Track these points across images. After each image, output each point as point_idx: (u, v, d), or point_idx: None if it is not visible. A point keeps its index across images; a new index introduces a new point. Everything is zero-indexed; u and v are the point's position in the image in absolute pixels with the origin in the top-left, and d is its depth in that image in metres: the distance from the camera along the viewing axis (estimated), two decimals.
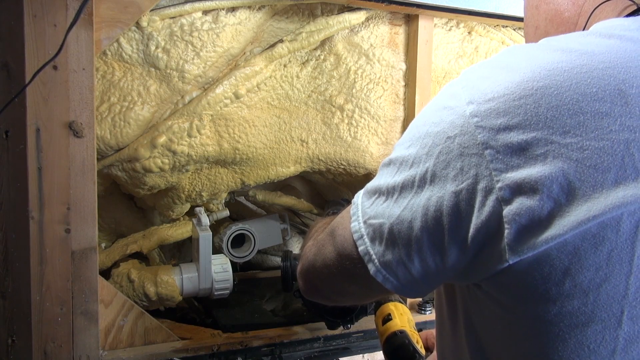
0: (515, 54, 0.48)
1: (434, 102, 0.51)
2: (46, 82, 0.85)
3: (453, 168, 0.46)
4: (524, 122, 0.43)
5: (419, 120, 0.52)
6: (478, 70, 0.49)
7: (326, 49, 1.18)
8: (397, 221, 0.50)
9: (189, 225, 1.25)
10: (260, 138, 1.16)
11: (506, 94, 0.44)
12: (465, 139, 0.45)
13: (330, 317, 1.04)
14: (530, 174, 0.42)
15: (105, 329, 1.00)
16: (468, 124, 0.45)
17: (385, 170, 0.54)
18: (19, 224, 0.88)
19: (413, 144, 0.50)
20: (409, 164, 0.50)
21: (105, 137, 1.02)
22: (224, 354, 1.06)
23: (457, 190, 0.46)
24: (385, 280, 0.52)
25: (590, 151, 0.42)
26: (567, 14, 0.61)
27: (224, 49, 1.07)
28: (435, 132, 0.48)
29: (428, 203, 0.48)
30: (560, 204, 0.42)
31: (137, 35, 1.01)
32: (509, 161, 0.43)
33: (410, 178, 0.50)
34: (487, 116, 0.45)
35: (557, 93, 0.43)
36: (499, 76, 0.46)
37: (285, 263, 1.05)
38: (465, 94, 0.47)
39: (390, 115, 1.24)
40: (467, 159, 0.45)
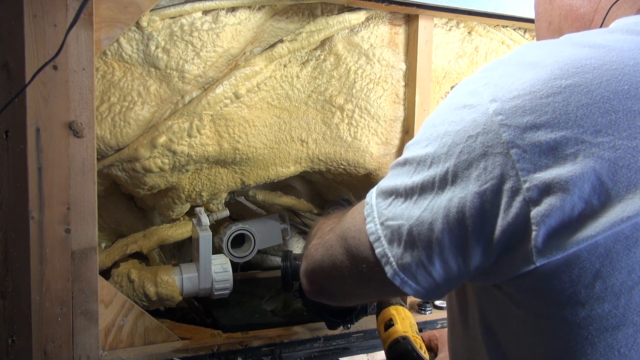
0: (538, 50, 0.47)
1: (452, 101, 0.50)
2: (46, 82, 0.85)
3: (476, 168, 0.45)
4: (553, 121, 0.42)
5: (436, 119, 0.50)
6: (499, 68, 0.47)
7: (326, 49, 1.18)
8: (417, 223, 0.49)
9: (189, 225, 1.25)
10: (260, 138, 1.16)
11: (532, 91, 0.43)
12: (488, 138, 0.44)
13: (330, 317, 1.04)
14: (560, 174, 0.41)
15: (105, 329, 0.99)
16: (492, 122, 0.44)
17: (401, 170, 0.53)
18: (19, 224, 0.88)
19: (430, 143, 0.49)
20: (427, 164, 0.49)
21: (105, 137, 1.02)
22: (224, 354, 1.06)
23: (480, 191, 0.44)
24: (403, 284, 0.51)
25: (623, 150, 0.41)
26: (582, 10, 0.60)
27: (224, 49, 1.07)
28: (455, 131, 0.47)
29: (449, 204, 0.46)
30: (592, 205, 0.41)
31: (137, 35, 1.01)
32: (537, 161, 0.42)
33: (430, 178, 0.48)
34: (512, 114, 0.43)
35: (587, 91, 0.42)
36: (523, 73, 0.45)
37: (285, 263, 1.05)
38: (487, 92, 0.46)
39: (390, 115, 1.24)
40: (491, 158, 0.44)
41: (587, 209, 0.41)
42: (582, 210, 0.41)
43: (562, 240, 0.42)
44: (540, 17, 0.66)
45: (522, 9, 1.20)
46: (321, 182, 1.47)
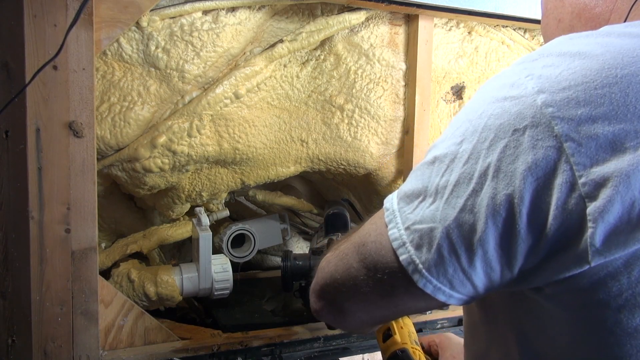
0: (582, 41, 0.45)
1: (488, 94, 0.46)
2: (46, 82, 0.85)
3: (523, 162, 0.42)
4: (611, 113, 0.40)
5: (471, 114, 0.47)
6: (540, 60, 0.45)
7: (326, 49, 1.18)
8: (455, 224, 0.45)
9: (189, 225, 1.25)
10: (260, 138, 1.16)
11: (585, 82, 0.41)
12: (538, 131, 0.41)
13: None
14: (620, 167, 0.39)
15: (105, 329, 0.99)
16: (541, 114, 0.41)
17: (428, 170, 0.49)
18: (19, 224, 0.88)
19: (467, 139, 0.46)
20: (464, 160, 0.45)
21: (105, 137, 1.02)
22: (224, 354, 1.06)
23: (530, 187, 0.42)
24: (436, 291, 0.47)
25: None
26: (597, 10, 0.57)
27: (224, 49, 1.07)
28: (497, 125, 0.44)
29: (494, 202, 0.43)
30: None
31: (137, 35, 1.01)
32: (594, 155, 0.40)
33: (467, 175, 0.45)
34: (564, 106, 0.41)
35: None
36: (570, 63, 0.42)
37: (286, 263, 1.05)
38: (531, 83, 0.43)
39: (390, 115, 1.24)
40: (542, 152, 0.41)
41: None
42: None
43: (621, 238, 0.39)
44: (549, 14, 0.63)
45: (522, 9, 1.20)
46: (321, 182, 1.47)
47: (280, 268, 1.06)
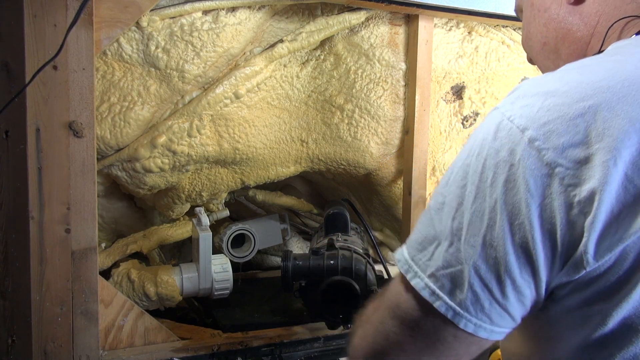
0: (549, 81, 0.51)
1: (477, 138, 0.52)
2: (46, 82, 0.85)
3: (525, 192, 0.47)
4: (586, 138, 0.46)
5: (468, 159, 0.52)
6: (516, 102, 0.51)
7: (326, 49, 1.18)
8: (480, 260, 0.49)
9: (189, 225, 1.25)
10: (260, 138, 1.16)
11: (560, 115, 0.47)
12: (530, 162, 0.47)
13: (331, 317, 1.04)
14: (600, 182, 0.45)
15: (105, 329, 0.99)
16: (530, 147, 0.47)
17: (438, 216, 0.53)
18: (19, 224, 0.88)
19: (470, 181, 0.51)
20: (471, 201, 0.50)
21: (105, 137, 1.02)
22: (224, 354, 1.06)
23: (537, 214, 0.47)
24: (478, 329, 0.50)
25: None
26: (579, 34, 0.63)
27: (224, 49, 1.07)
28: (494, 164, 0.49)
29: (509, 235, 0.48)
30: (627, 204, 0.45)
31: (137, 35, 1.01)
32: (580, 175, 0.46)
33: (478, 214, 0.50)
34: (548, 138, 0.47)
35: (609, 107, 0.46)
36: (544, 102, 0.49)
37: (286, 263, 1.05)
38: (515, 123, 0.49)
39: (390, 115, 1.24)
40: (538, 180, 0.47)
41: (625, 209, 0.45)
42: (620, 210, 0.45)
43: (607, 243, 0.46)
44: (533, 37, 0.69)
45: None
46: (321, 182, 1.47)
47: (280, 268, 1.06)
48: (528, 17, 0.70)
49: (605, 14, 0.61)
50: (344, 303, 1.02)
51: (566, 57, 0.65)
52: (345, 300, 1.02)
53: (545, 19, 0.67)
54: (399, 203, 1.33)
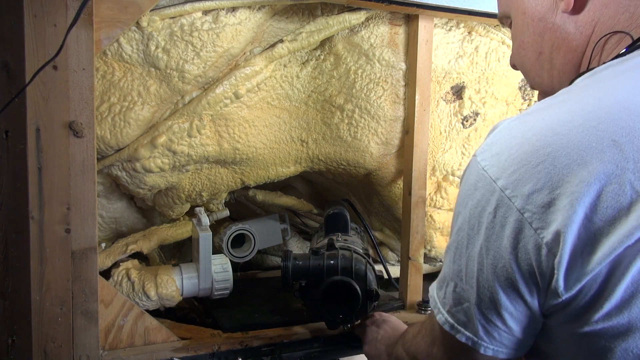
0: (517, 127, 0.56)
1: (465, 189, 0.59)
2: (46, 82, 0.85)
3: (503, 237, 0.54)
4: (548, 183, 0.51)
5: (460, 207, 0.60)
6: (490, 150, 0.57)
7: (326, 49, 1.18)
8: (480, 300, 0.57)
9: (189, 225, 1.25)
10: (260, 138, 1.16)
11: (524, 164, 0.53)
12: (504, 210, 0.53)
13: (331, 317, 1.04)
14: (562, 223, 0.50)
15: (105, 329, 0.99)
16: (503, 196, 0.53)
17: (447, 257, 0.62)
18: (19, 224, 0.88)
19: (462, 228, 0.58)
20: (464, 246, 0.58)
21: (105, 137, 1.02)
22: (224, 354, 1.06)
23: (515, 256, 0.53)
24: (497, 352, 0.59)
25: (604, 193, 0.49)
26: (574, 43, 0.64)
27: (224, 49, 1.07)
28: (478, 213, 0.56)
29: (495, 278, 0.55)
30: (587, 241, 0.50)
31: (137, 35, 1.01)
32: (545, 218, 0.51)
33: (471, 258, 0.57)
34: (516, 186, 0.53)
35: (566, 153, 0.51)
36: (511, 150, 0.54)
37: (286, 263, 1.05)
38: (489, 173, 0.55)
39: (390, 115, 1.24)
40: (512, 225, 0.53)
41: (587, 246, 0.50)
42: (583, 247, 0.50)
43: (575, 276, 0.51)
44: (527, 47, 0.70)
45: None
46: (321, 182, 1.47)
47: (280, 268, 1.06)
48: (520, 26, 0.70)
49: (601, 23, 0.62)
50: (344, 303, 1.02)
51: (561, 66, 0.66)
52: (345, 300, 1.02)
53: (541, 28, 0.67)
54: (399, 203, 1.33)
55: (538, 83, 0.72)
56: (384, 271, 1.33)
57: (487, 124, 1.36)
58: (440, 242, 1.41)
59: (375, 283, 1.04)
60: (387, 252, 1.48)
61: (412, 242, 1.27)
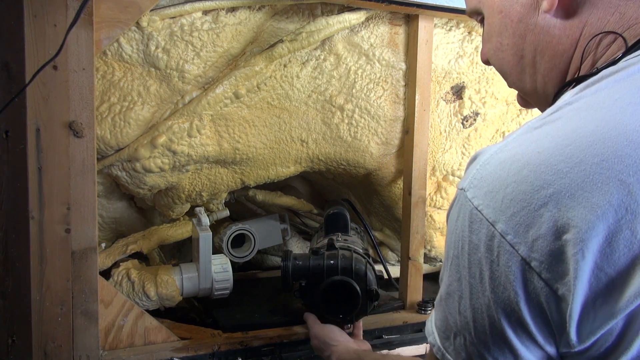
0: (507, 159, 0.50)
1: (459, 229, 0.52)
2: (46, 82, 0.85)
3: (511, 290, 0.48)
4: (553, 229, 0.46)
5: (455, 250, 0.53)
6: (479, 186, 0.50)
7: (326, 49, 1.18)
8: (497, 353, 0.51)
9: (189, 225, 1.25)
10: (260, 138, 1.16)
11: (525, 206, 0.47)
12: (507, 259, 0.48)
13: (331, 317, 1.04)
14: (574, 274, 0.45)
15: (105, 329, 0.99)
16: (504, 243, 0.48)
17: (447, 306, 0.55)
18: (19, 224, 0.88)
19: (463, 276, 0.52)
20: (468, 297, 0.52)
21: (106, 137, 1.02)
22: (224, 354, 1.06)
23: (527, 311, 0.48)
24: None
25: (615, 241, 0.45)
26: (560, 47, 0.59)
27: (224, 49, 1.07)
28: (478, 259, 0.50)
29: (511, 330, 0.50)
30: (602, 292, 0.45)
31: (137, 35, 1.01)
32: (555, 267, 0.46)
33: (478, 311, 0.51)
34: (517, 231, 0.47)
35: (570, 195, 0.46)
36: (507, 188, 0.48)
37: (286, 263, 1.05)
38: (484, 215, 0.49)
39: (390, 115, 1.24)
40: (519, 276, 0.48)
41: (599, 297, 0.46)
42: (595, 299, 0.46)
43: (588, 329, 0.46)
44: (506, 50, 0.63)
45: None
46: (321, 182, 1.47)
47: (280, 268, 1.06)
48: (497, 26, 0.64)
49: (590, 25, 0.57)
50: (344, 303, 1.02)
51: (546, 71, 0.61)
52: (345, 300, 1.02)
53: (522, 30, 0.61)
54: (399, 203, 1.33)
55: (519, 87, 0.66)
56: (384, 271, 1.33)
57: (487, 124, 1.37)
58: (440, 242, 1.41)
59: (375, 283, 1.04)
60: (387, 252, 1.48)
61: (412, 242, 1.27)
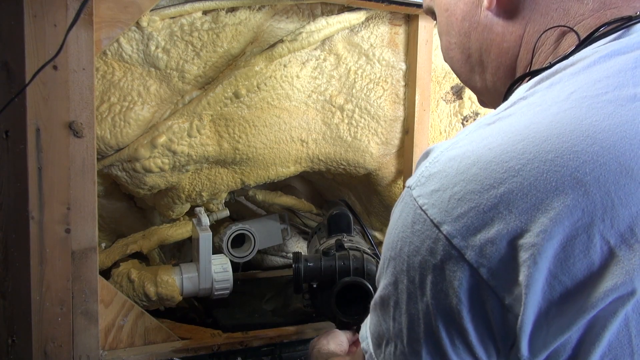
0: (457, 155, 0.46)
1: (399, 230, 0.48)
2: (46, 82, 0.85)
3: (453, 296, 0.44)
4: (504, 231, 0.42)
5: (392, 251, 0.49)
6: (427, 184, 0.46)
7: (326, 49, 1.18)
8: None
9: (189, 225, 1.25)
10: (260, 138, 1.16)
11: (473, 207, 0.43)
12: (453, 263, 0.43)
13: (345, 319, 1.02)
14: (524, 282, 0.41)
15: (105, 329, 1.00)
16: (450, 246, 0.43)
17: (382, 312, 0.51)
18: (19, 224, 0.88)
19: (399, 280, 0.48)
20: (405, 302, 0.48)
21: (105, 137, 1.02)
22: (224, 354, 1.06)
23: (470, 320, 0.44)
24: None
25: (570, 246, 0.41)
26: (505, 45, 0.57)
27: (224, 49, 1.07)
28: (418, 263, 0.46)
29: (448, 340, 0.45)
30: (555, 302, 0.41)
31: (137, 35, 1.01)
32: (504, 275, 0.42)
33: (414, 317, 0.47)
34: (465, 235, 0.43)
35: (523, 194, 0.42)
36: (454, 188, 0.44)
37: (298, 265, 1.04)
38: (429, 216, 0.45)
39: (390, 115, 1.24)
40: (464, 282, 0.43)
41: (553, 307, 0.41)
42: (549, 309, 0.41)
43: (541, 342, 0.42)
44: (454, 48, 0.62)
45: None
46: (321, 182, 1.47)
47: (280, 268, 1.06)
48: (444, 25, 0.63)
49: (532, 22, 0.55)
50: (355, 304, 1.02)
51: (494, 69, 0.59)
52: (356, 300, 1.01)
53: (466, 27, 0.60)
54: None
55: (471, 86, 0.65)
56: None
57: None
58: None
59: None
60: None
61: None
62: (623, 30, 0.50)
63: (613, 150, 0.42)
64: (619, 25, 0.50)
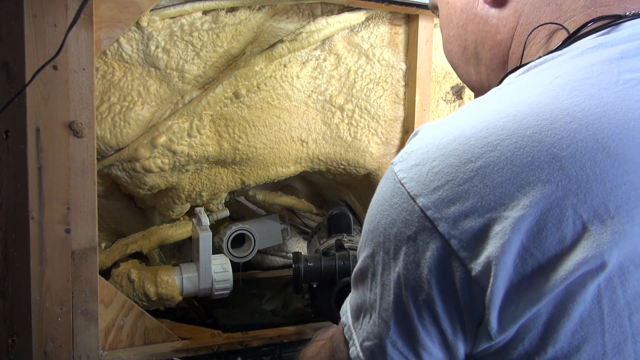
0: (439, 133, 0.47)
1: (378, 203, 0.49)
2: (46, 82, 0.85)
3: (424, 267, 0.44)
4: (477, 205, 0.42)
5: (371, 224, 0.50)
6: (409, 159, 0.47)
7: (326, 49, 1.18)
8: (395, 336, 0.48)
9: (189, 225, 1.25)
10: (260, 138, 1.16)
11: (449, 180, 0.44)
12: (426, 234, 0.44)
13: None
14: (495, 253, 0.41)
15: (105, 329, 1.00)
16: (424, 218, 0.44)
17: (360, 284, 0.52)
18: (19, 224, 0.88)
19: (376, 251, 0.49)
20: (380, 273, 0.49)
21: (105, 137, 1.02)
22: (224, 354, 1.06)
23: (437, 291, 0.44)
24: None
25: (542, 219, 0.41)
26: (499, 37, 0.58)
27: (224, 49, 1.07)
28: (393, 234, 0.47)
29: (415, 311, 0.46)
30: (527, 275, 0.42)
31: (137, 35, 1.01)
32: (474, 247, 0.42)
33: (386, 287, 0.48)
34: (439, 206, 0.44)
35: (498, 169, 0.42)
36: (434, 162, 0.45)
37: (298, 265, 1.04)
38: (407, 188, 0.46)
39: (390, 115, 1.24)
40: (435, 253, 0.44)
41: (524, 280, 0.42)
42: (520, 282, 0.42)
43: (511, 316, 0.42)
44: (452, 41, 0.64)
45: None
46: (321, 182, 1.47)
47: (280, 268, 1.06)
48: (445, 18, 0.65)
49: (525, 15, 0.56)
50: None
51: (487, 62, 0.61)
52: None
53: (463, 19, 0.61)
54: None
55: (467, 80, 0.66)
56: None
57: None
58: None
59: None
60: None
61: None
62: (612, 27, 0.51)
63: (591, 128, 0.42)
64: (608, 23, 0.51)
